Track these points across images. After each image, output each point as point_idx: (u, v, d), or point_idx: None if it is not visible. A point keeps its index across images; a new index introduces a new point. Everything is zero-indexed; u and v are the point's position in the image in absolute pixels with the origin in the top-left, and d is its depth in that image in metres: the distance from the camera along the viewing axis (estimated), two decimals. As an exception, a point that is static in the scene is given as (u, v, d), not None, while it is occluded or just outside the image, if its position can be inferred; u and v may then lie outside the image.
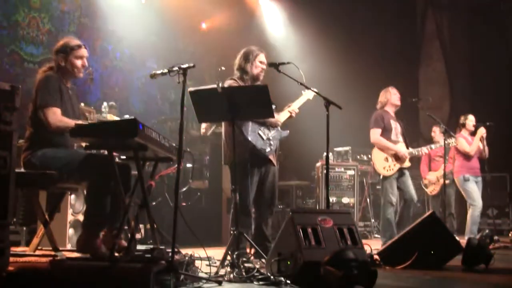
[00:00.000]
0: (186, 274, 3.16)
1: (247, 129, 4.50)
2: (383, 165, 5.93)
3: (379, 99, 6.17)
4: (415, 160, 7.97)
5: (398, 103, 6.11)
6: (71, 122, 3.67)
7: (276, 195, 4.82)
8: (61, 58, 3.89)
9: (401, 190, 5.93)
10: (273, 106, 4.73)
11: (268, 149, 4.58)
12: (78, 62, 3.92)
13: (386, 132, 5.96)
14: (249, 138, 4.46)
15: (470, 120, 7.17)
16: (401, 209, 5.95)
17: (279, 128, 4.76)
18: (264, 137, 4.58)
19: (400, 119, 6.20)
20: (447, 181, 7.05)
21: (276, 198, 4.84)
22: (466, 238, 6.06)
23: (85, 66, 3.98)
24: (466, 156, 6.99)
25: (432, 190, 7.83)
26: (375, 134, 5.97)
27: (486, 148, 7.07)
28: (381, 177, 6.02)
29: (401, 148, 5.93)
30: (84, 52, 3.96)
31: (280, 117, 4.78)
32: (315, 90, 4.56)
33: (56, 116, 3.68)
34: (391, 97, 6.08)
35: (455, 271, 4.31)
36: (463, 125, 7.18)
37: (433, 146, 6.61)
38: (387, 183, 5.93)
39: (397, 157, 5.90)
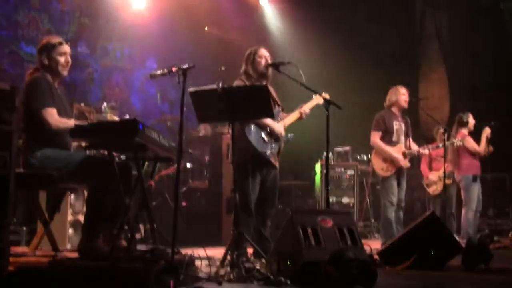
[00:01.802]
0: (186, 274, 3.16)
1: (249, 131, 4.50)
2: (381, 166, 5.95)
3: (388, 97, 6.12)
4: (416, 160, 7.97)
5: (405, 105, 6.06)
6: (70, 122, 3.67)
7: (276, 197, 4.81)
8: (44, 57, 3.84)
9: None
10: (279, 108, 4.75)
11: (268, 152, 4.58)
12: (61, 59, 3.86)
13: (387, 134, 5.96)
14: (251, 141, 4.47)
15: (472, 118, 7.15)
16: None
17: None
18: (267, 140, 4.59)
19: (405, 117, 6.16)
20: (449, 181, 7.06)
21: (276, 200, 4.83)
22: (462, 239, 6.07)
23: (69, 62, 3.91)
24: (474, 155, 6.96)
25: (435, 190, 7.81)
26: (374, 137, 5.99)
27: (490, 148, 7.06)
28: (380, 177, 6.04)
29: (397, 154, 5.91)
30: (66, 48, 3.90)
31: (288, 120, 4.77)
32: (315, 90, 4.56)
33: (54, 116, 3.66)
34: (399, 97, 6.02)
35: (455, 271, 4.31)
36: (465, 124, 7.10)
37: (434, 146, 6.60)
38: (386, 183, 5.93)
39: (394, 161, 5.91)
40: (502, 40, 9.85)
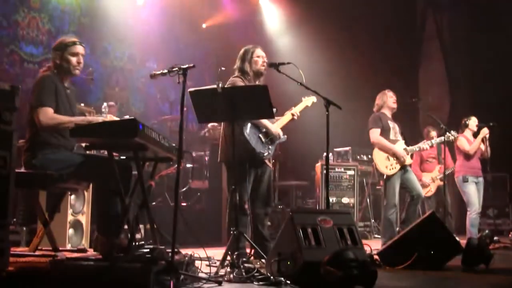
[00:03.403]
0: (186, 274, 3.16)
1: (247, 130, 4.50)
2: (385, 164, 5.92)
3: (376, 101, 6.20)
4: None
5: (394, 106, 6.13)
6: (63, 118, 3.67)
7: (271, 196, 4.81)
8: (57, 56, 3.87)
9: (407, 187, 5.93)
10: (274, 110, 4.74)
11: (266, 153, 4.58)
12: (73, 59, 3.88)
13: (384, 132, 5.98)
14: (250, 140, 4.47)
15: (474, 121, 7.16)
16: (408, 206, 5.93)
17: None
18: (264, 140, 4.59)
19: (396, 120, 6.20)
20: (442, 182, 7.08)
21: (271, 198, 4.83)
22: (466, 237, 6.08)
23: (81, 63, 3.93)
24: (466, 156, 6.98)
25: (428, 191, 7.81)
26: (375, 134, 5.98)
27: (489, 149, 7.06)
28: (384, 177, 6.00)
29: (399, 148, 5.93)
30: (79, 48, 3.92)
31: (281, 122, 4.78)
32: (315, 90, 4.56)
33: (47, 114, 3.66)
34: (387, 100, 6.11)
35: (455, 271, 4.31)
36: (466, 126, 7.15)
37: (433, 141, 6.60)
38: (390, 183, 5.91)
39: (397, 156, 5.92)
40: (503, 41, 9.84)
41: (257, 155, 4.51)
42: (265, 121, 4.56)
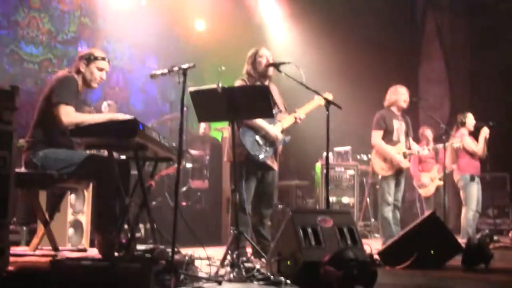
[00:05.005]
0: (186, 274, 3.16)
1: (244, 134, 4.52)
2: (381, 165, 5.95)
3: (387, 97, 6.12)
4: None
5: (404, 105, 6.05)
6: (85, 117, 3.68)
7: (273, 198, 4.82)
8: (83, 64, 3.89)
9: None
10: (279, 109, 4.74)
11: (262, 155, 4.58)
12: (98, 73, 3.92)
13: (387, 134, 5.95)
14: (245, 144, 4.49)
15: (470, 118, 7.14)
16: None
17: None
18: (261, 143, 4.59)
19: (405, 117, 6.16)
20: (441, 182, 7.09)
21: (273, 201, 4.84)
22: (462, 239, 6.07)
23: (103, 79, 3.98)
24: (472, 155, 6.97)
25: (427, 191, 7.80)
26: (376, 136, 5.98)
27: (485, 148, 7.06)
28: (379, 176, 6.04)
29: (396, 155, 5.90)
30: (106, 65, 3.97)
31: (285, 123, 4.77)
32: (315, 90, 4.56)
33: (70, 113, 3.65)
34: (398, 97, 6.04)
35: (455, 271, 4.31)
36: (463, 124, 7.12)
37: (431, 147, 6.59)
38: (384, 182, 5.94)
39: (393, 162, 5.92)
40: (503, 40, 9.85)
41: (252, 158, 4.52)
42: (263, 124, 4.57)
